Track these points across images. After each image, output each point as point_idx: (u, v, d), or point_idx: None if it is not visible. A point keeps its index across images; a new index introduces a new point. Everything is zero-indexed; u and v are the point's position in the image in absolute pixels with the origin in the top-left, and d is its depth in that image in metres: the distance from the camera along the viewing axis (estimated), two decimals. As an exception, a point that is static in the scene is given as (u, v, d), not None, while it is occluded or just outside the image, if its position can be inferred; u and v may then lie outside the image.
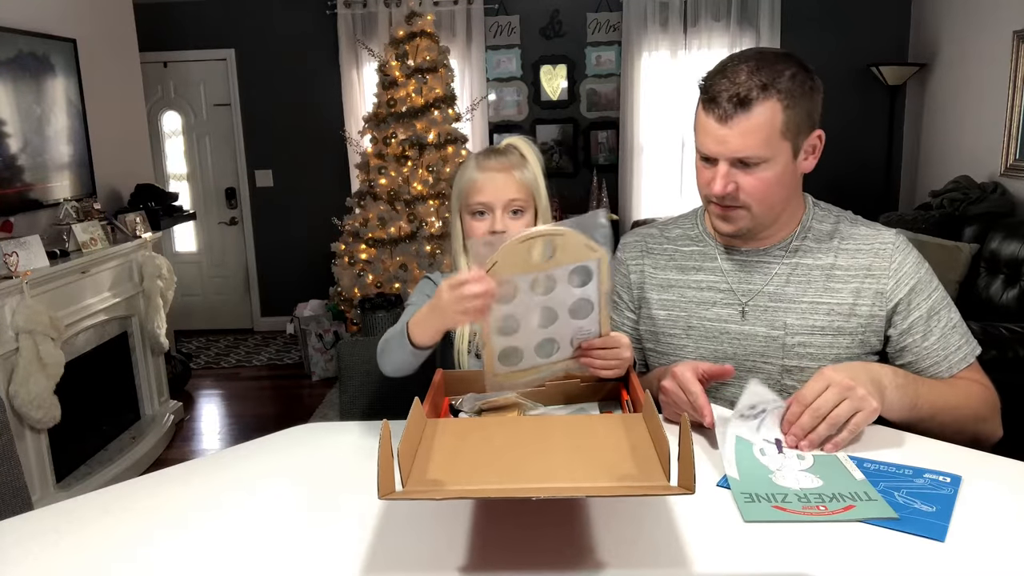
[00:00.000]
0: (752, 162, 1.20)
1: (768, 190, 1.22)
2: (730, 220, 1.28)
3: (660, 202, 5.08)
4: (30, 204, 3.05)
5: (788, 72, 1.18)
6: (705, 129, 1.22)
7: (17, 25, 3.01)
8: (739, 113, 1.17)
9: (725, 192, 1.22)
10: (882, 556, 0.83)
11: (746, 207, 1.24)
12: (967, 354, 1.27)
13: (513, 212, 1.30)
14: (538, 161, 1.33)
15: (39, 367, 2.62)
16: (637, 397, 1.04)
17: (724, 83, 1.18)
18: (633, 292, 1.43)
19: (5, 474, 1.36)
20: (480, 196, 1.29)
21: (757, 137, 1.18)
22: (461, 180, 1.33)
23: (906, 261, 1.28)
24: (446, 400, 1.15)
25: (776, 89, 1.16)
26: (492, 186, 1.29)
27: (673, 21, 4.89)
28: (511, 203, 1.29)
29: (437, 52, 4.26)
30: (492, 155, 1.32)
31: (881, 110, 4.76)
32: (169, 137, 5.43)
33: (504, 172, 1.29)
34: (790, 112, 1.18)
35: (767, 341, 1.30)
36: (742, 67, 1.18)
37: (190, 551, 0.90)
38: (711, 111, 1.20)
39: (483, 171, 1.30)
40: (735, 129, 1.18)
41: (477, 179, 1.30)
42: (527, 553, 0.86)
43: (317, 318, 4.50)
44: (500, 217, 1.29)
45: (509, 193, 1.29)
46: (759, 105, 1.16)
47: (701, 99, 1.23)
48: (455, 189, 1.35)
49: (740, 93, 1.16)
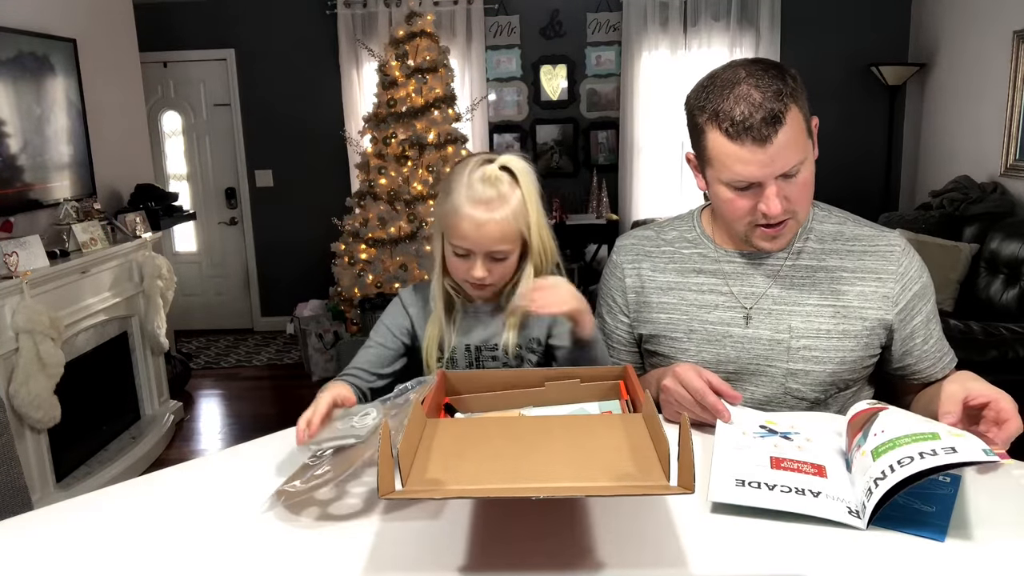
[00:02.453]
0: (793, 171, 1.16)
1: (809, 190, 1.21)
2: (779, 236, 1.24)
3: (660, 202, 5.08)
4: (30, 204, 3.05)
5: (780, 74, 1.16)
6: (740, 159, 1.15)
7: (17, 25, 3.01)
8: (775, 131, 1.12)
9: (782, 210, 1.18)
10: (882, 556, 0.83)
11: (793, 216, 1.21)
12: (953, 357, 1.34)
13: (495, 258, 1.27)
14: (532, 185, 1.26)
15: (39, 367, 2.62)
16: (637, 397, 1.05)
17: (743, 107, 1.13)
18: (628, 296, 1.41)
19: (5, 474, 1.36)
20: (462, 241, 1.24)
21: (795, 147, 1.15)
22: (446, 206, 1.26)
23: (911, 265, 1.28)
24: (445, 400, 1.14)
25: (787, 94, 1.14)
26: (475, 233, 1.23)
27: (673, 21, 4.90)
28: (493, 253, 1.25)
29: (437, 52, 4.26)
30: (481, 188, 1.23)
31: (881, 110, 4.76)
32: (169, 137, 5.43)
33: (489, 214, 1.22)
34: (803, 109, 1.17)
35: (771, 345, 1.29)
36: (743, 86, 1.14)
37: (190, 551, 0.90)
38: (744, 138, 1.13)
39: (470, 210, 1.22)
40: (776, 148, 1.13)
41: (461, 221, 1.23)
42: (527, 553, 0.86)
43: (317, 318, 4.50)
44: (481, 264, 1.26)
45: (493, 244, 1.24)
46: (787, 116, 1.13)
47: (719, 129, 1.16)
48: (439, 209, 1.29)
49: (771, 110, 1.12)
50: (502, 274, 1.29)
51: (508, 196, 1.24)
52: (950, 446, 0.86)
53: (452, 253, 1.28)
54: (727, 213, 1.24)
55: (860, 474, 0.93)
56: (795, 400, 1.29)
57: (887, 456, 0.89)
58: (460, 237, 1.24)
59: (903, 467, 0.85)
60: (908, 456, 0.86)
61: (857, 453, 0.97)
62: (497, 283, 1.31)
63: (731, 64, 1.20)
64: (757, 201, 1.18)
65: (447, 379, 1.16)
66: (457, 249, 1.26)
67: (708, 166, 1.21)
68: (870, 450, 0.93)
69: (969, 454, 0.84)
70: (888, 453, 0.89)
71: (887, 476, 0.86)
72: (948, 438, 0.88)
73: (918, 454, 0.86)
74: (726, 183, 1.19)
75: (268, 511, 0.97)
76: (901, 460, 0.87)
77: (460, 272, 1.29)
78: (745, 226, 1.24)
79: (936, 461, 0.84)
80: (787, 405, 1.30)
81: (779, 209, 1.17)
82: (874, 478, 0.88)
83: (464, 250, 1.25)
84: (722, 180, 1.20)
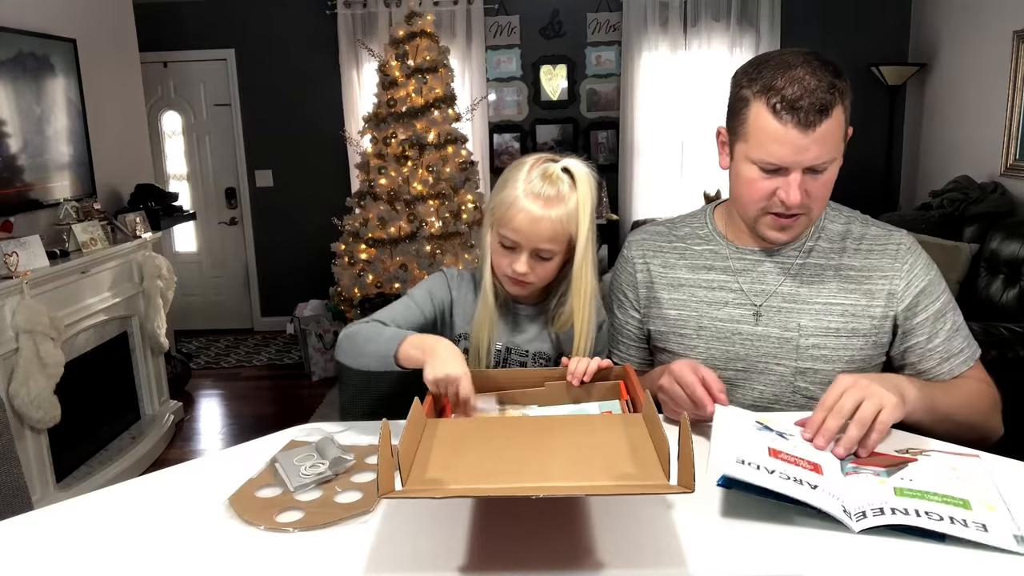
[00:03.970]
0: (821, 168, 1.16)
1: (828, 191, 1.21)
2: (789, 229, 1.23)
3: (660, 202, 5.08)
4: (30, 204, 3.05)
5: (836, 71, 1.15)
6: (778, 138, 1.13)
7: (17, 25, 3.01)
8: (821, 120, 1.11)
9: (800, 202, 1.17)
10: (882, 556, 0.83)
11: (807, 213, 1.21)
12: (968, 357, 1.28)
13: (541, 256, 1.27)
14: (589, 191, 1.26)
15: (39, 367, 2.61)
16: (637, 397, 1.05)
17: (796, 88, 1.12)
18: (639, 291, 1.41)
19: (5, 474, 1.36)
20: (511, 233, 1.25)
21: (832, 143, 1.14)
22: (502, 195, 1.26)
23: (917, 263, 1.28)
24: (446, 400, 1.15)
25: (839, 91, 1.13)
26: (527, 227, 1.23)
27: (673, 21, 4.89)
28: (540, 250, 1.26)
29: (437, 52, 4.26)
30: (541, 184, 1.24)
31: (881, 110, 4.76)
32: (169, 137, 5.42)
33: (545, 210, 1.23)
34: (847, 112, 1.16)
35: (780, 343, 1.28)
36: (800, 70, 1.13)
37: (190, 551, 0.90)
38: (788, 118, 1.12)
39: (527, 203, 1.23)
40: (815, 137, 1.12)
41: (517, 214, 1.23)
42: (527, 553, 0.86)
43: (317, 318, 4.50)
44: (525, 260, 1.26)
45: (541, 241, 1.24)
46: (834, 111, 1.12)
47: (766, 103, 1.14)
48: (493, 198, 1.30)
49: (822, 99, 1.11)
50: (543, 275, 1.29)
51: (566, 197, 1.25)
52: (981, 523, 0.86)
53: (499, 245, 1.28)
54: (744, 194, 1.23)
55: (866, 488, 0.93)
56: (804, 399, 1.29)
57: (912, 500, 0.89)
58: (512, 230, 1.25)
59: (930, 519, 0.86)
60: (937, 514, 0.87)
61: (867, 471, 0.97)
62: (537, 284, 1.31)
63: (789, 50, 1.20)
64: (777, 187, 1.18)
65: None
66: (505, 240, 1.27)
67: (741, 140, 1.20)
68: (892, 486, 0.93)
69: (998, 539, 0.84)
70: (914, 499, 0.90)
71: (910, 514, 0.87)
72: (980, 510, 0.88)
73: (948, 517, 0.86)
74: (755, 161, 1.18)
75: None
76: (929, 512, 0.87)
77: (503, 265, 1.29)
78: (758, 211, 1.23)
79: (964, 533, 0.84)
80: (796, 404, 1.29)
81: (798, 200, 1.16)
82: (892, 506, 0.88)
83: (512, 242, 1.26)
84: (751, 158, 1.18)
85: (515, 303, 1.38)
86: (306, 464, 1.06)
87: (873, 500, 0.90)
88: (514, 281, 1.29)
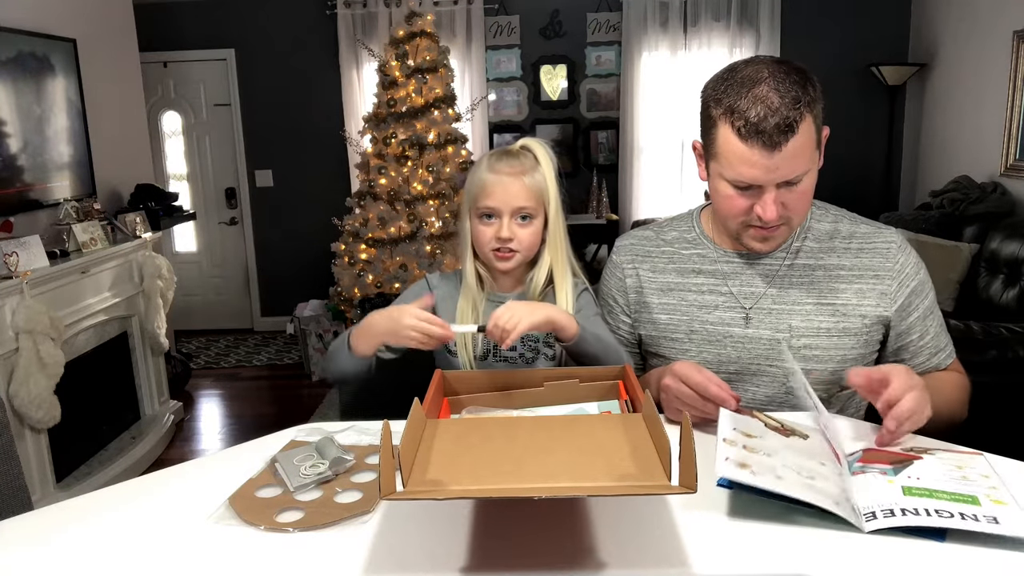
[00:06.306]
0: (796, 180, 1.16)
1: (807, 199, 1.21)
2: (771, 239, 1.24)
3: (660, 202, 5.08)
4: (30, 204, 3.05)
5: (802, 81, 1.14)
6: (744, 159, 1.14)
7: (17, 25, 3.01)
8: (787, 139, 1.11)
9: (777, 216, 1.18)
10: (882, 556, 0.83)
11: (787, 222, 1.21)
12: (952, 350, 1.34)
13: (521, 218, 1.31)
14: (551, 164, 1.33)
15: (39, 367, 2.61)
16: (636, 397, 1.04)
17: (759, 109, 1.11)
18: (629, 296, 1.41)
19: (5, 474, 1.36)
20: (489, 200, 1.30)
21: (803, 157, 1.14)
22: (472, 180, 1.33)
23: (908, 262, 1.29)
24: (446, 400, 1.15)
25: (805, 103, 1.12)
26: (502, 191, 1.29)
27: (673, 21, 4.90)
28: (519, 210, 1.30)
29: (437, 52, 4.26)
30: (504, 157, 1.32)
31: (881, 110, 4.76)
32: (169, 137, 5.43)
33: (515, 177, 1.30)
34: (817, 119, 1.15)
35: (772, 344, 1.29)
36: (763, 87, 1.12)
37: (190, 551, 0.90)
38: (752, 141, 1.12)
39: (494, 174, 1.30)
40: (784, 156, 1.12)
41: (487, 181, 1.30)
42: (527, 553, 0.86)
43: (317, 318, 4.50)
44: (507, 224, 1.30)
45: (518, 200, 1.30)
46: (801, 125, 1.11)
47: (731, 126, 1.14)
48: (466, 188, 1.35)
49: (786, 118, 1.10)
50: (526, 241, 1.32)
51: (530, 166, 1.31)
52: (992, 515, 0.86)
53: (479, 223, 1.32)
54: (723, 209, 1.25)
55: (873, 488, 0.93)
56: (797, 399, 1.29)
57: (921, 500, 0.89)
58: (488, 196, 1.30)
59: (941, 517, 0.86)
60: (947, 511, 0.86)
61: (874, 470, 0.97)
62: (522, 254, 1.33)
63: (755, 60, 1.19)
64: (754, 202, 1.18)
65: (445, 379, 1.16)
66: (484, 211, 1.31)
67: (713, 159, 1.21)
68: (900, 485, 0.93)
69: (1012, 528, 0.84)
70: (923, 498, 0.90)
71: (920, 514, 0.86)
72: (988, 505, 0.88)
73: (959, 514, 0.86)
74: (728, 180, 1.19)
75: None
76: (940, 511, 0.87)
77: (486, 238, 1.31)
78: (738, 225, 1.24)
79: (977, 527, 0.84)
80: (789, 405, 1.30)
81: (775, 215, 1.17)
82: (902, 507, 0.88)
83: (491, 209, 1.30)
84: (724, 176, 1.20)
85: (499, 292, 1.39)
86: (306, 464, 1.06)
87: (882, 500, 0.90)
88: (500, 255, 1.32)
